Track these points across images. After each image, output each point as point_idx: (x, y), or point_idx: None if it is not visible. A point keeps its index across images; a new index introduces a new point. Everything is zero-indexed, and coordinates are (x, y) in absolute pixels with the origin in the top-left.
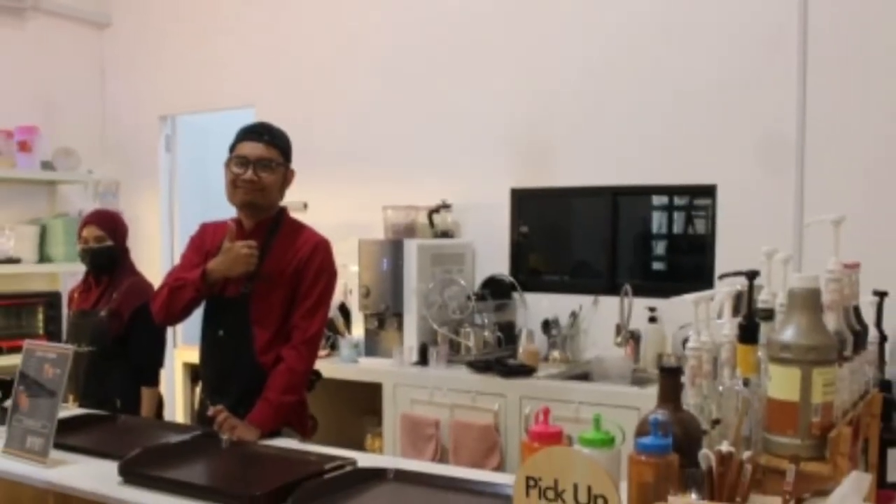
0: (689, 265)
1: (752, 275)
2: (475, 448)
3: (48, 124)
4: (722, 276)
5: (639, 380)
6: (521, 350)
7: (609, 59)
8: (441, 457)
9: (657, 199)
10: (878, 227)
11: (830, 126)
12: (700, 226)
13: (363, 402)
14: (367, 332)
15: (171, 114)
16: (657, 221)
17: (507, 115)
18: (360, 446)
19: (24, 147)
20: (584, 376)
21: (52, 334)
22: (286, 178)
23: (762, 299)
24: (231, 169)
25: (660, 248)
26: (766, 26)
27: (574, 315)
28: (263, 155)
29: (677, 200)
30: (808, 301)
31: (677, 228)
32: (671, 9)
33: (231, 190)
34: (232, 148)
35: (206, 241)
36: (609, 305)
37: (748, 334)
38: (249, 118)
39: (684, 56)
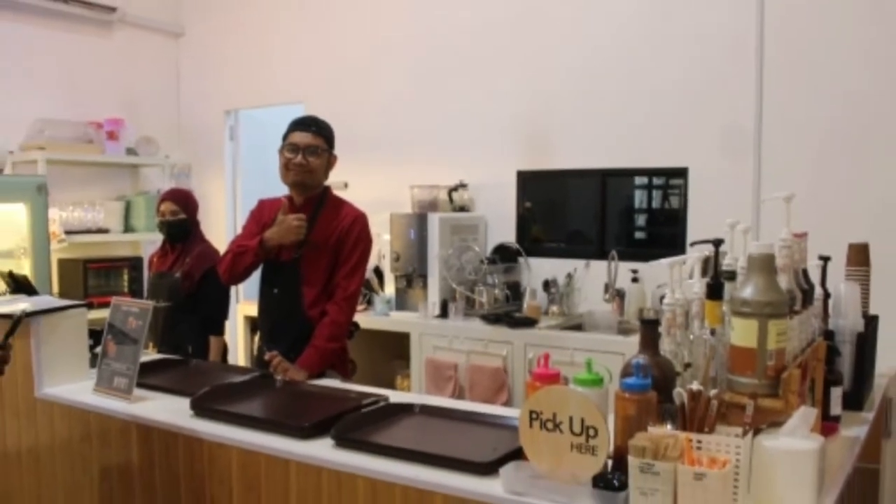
0: (666, 235)
1: (717, 242)
2: (487, 387)
3: (132, 117)
4: (693, 244)
5: (623, 330)
6: (525, 305)
7: (597, 62)
8: (459, 394)
9: (639, 180)
10: (824, 203)
11: (783, 118)
12: (675, 202)
13: (394, 349)
14: (397, 290)
15: (234, 108)
16: (639, 198)
17: (513, 110)
18: (391, 385)
19: (111, 136)
20: (578, 327)
21: (135, 292)
22: (330, 162)
23: (726, 263)
24: (284, 154)
25: (641, 220)
26: (729, 34)
27: (570, 276)
28: (311, 143)
29: (655, 181)
30: (764, 264)
31: (655, 204)
32: (649, 20)
33: (284, 172)
34: (285, 137)
35: (263, 214)
36: (599, 268)
37: (714, 292)
38: (299, 112)
39: (660, 60)
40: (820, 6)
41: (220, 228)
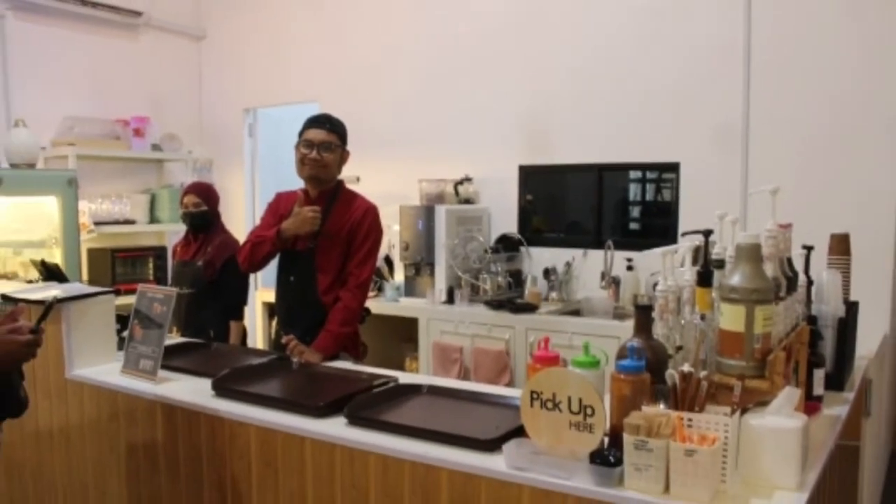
0: (658, 226)
1: (707, 233)
2: (490, 368)
3: (157, 115)
4: (684, 234)
5: (619, 315)
6: (526, 292)
7: (594, 64)
8: (464, 375)
9: (633, 174)
10: (807, 196)
11: (769, 116)
12: (667, 195)
13: (403, 333)
14: (406, 277)
15: (252, 107)
16: (633, 191)
17: (516, 108)
18: (401, 367)
19: (137, 133)
20: (576, 312)
21: (160, 280)
22: (343, 157)
23: (715, 252)
24: (300, 150)
25: (635, 212)
26: (718, 38)
27: (568, 264)
28: (325, 139)
29: (649, 175)
30: (751, 253)
31: (649, 197)
32: (643, 26)
33: (300, 166)
34: (300, 133)
35: (280, 206)
36: (595, 257)
37: (704, 279)
38: (314, 110)
39: (655, 62)
40: (804, 11)
41: (240, 219)
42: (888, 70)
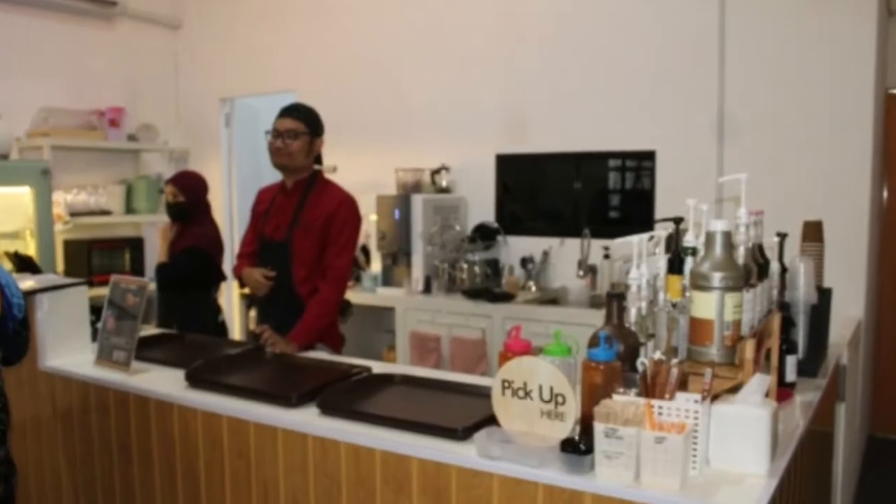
0: (636, 213)
1: (677, 220)
2: (468, 358)
3: (133, 105)
4: (656, 222)
5: (596, 303)
6: (504, 281)
7: (572, 54)
8: (441, 365)
9: (612, 162)
10: (782, 183)
11: (744, 104)
12: (645, 183)
13: (381, 323)
14: (384, 267)
15: (229, 96)
16: (612, 180)
17: (493, 97)
18: (378, 357)
19: (113, 123)
20: (554, 301)
21: (136, 271)
22: (313, 145)
23: (687, 239)
24: (269, 140)
25: (613, 200)
26: (693, 28)
27: (546, 253)
28: (290, 127)
29: (628, 163)
30: (722, 241)
31: (627, 185)
32: (619, 16)
33: (270, 156)
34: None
35: (258, 205)
36: (573, 246)
37: (675, 267)
38: (292, 100)
39: (631, 51)
40: (778, 2)
41: (217, 211)
42: (860, 58)
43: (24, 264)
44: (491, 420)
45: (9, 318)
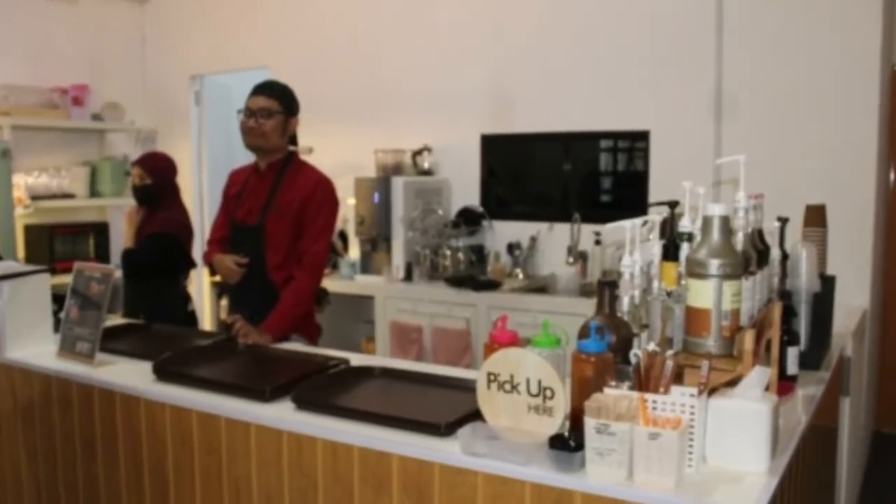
0: (629, 197)
1: (672, 204)
2: (451, 349)
3: (97, 83)
4: (650, 205)
5: (586, 292)
6: (489, 268)
7: (561, 28)
8: (423, 357)
9: (604, 143)
10: (783, 165)
11: (742, 83)
12: (639, 164)
13: (359, 312)
14: (362, 253)
15: (199, 73)
16: (602, 161)
17: (477, 74)
18: (356, 349)
19: (77, 102)
20: (542, 289)
21: (101, 258)
22: (287, 125)
23: (682, 224)
24: (241, 119)
25: (605, 183)
26: (690, 2)
27: (533, 239)
28: (263, 106)
29: (620, 144)
30: (720, 226)
31: (620, 167)
32: None
33: (242, 136)
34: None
35: (230, 187)
36: (562, 231)
37: (670, 253)
38: (266, 77)
39: (624, 25)
40: None
41: (187, 193)
42: (865, 32)
43: None
44: (475, 415)
45: None
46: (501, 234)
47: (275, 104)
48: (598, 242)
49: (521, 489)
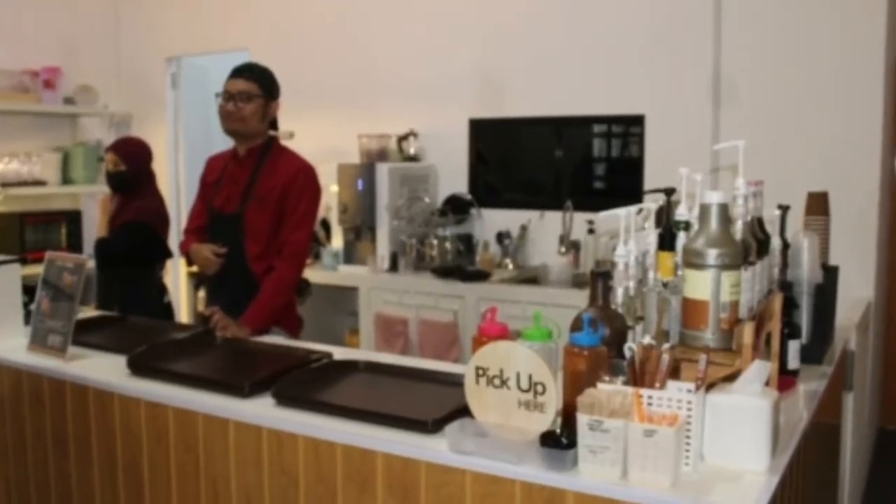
0: (624, 184)
1: (669, 191)
2: (438, 343)
3: (69, 65)
4: (645, 193)
5: (579, 283)
6: (477, 258)
7: (553, 8)
8: (409, 350)
9: (597, 128)
10: (784, 151)
11: (741, 66)
12: (633, 150)
13: (342, 304)
14: (346, 243)
15: (176, 55)
16: (597, 147)
17: (466, 56)
18: (339, 342)
19: (48, 85)
20: (533, 280)
21: (74, 247)
22: (268, 109)
23: (679, 213)
24: (220, 103)
25: (598, 169)
26: None
27: (524, 228)
28: (243, 89)
29: (614, 129)
30: (718, 214)
31: (614, 153)
32: None
33: (220, 121)
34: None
35: (207, 174)
36: (554, 219)
37: (666, 242)
38: (245, 59)
39: (619, 5)
40: None
41: (163, 180)
42: (870, 16)
43: None
44: (464, 411)
45: None
46: (490, 222)
47: (254, 87)
48: (591, 231)
49: (510, 488)
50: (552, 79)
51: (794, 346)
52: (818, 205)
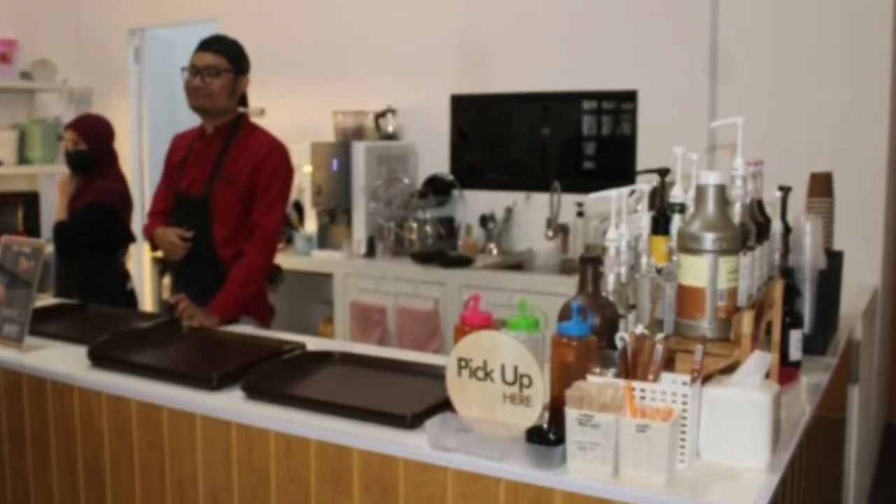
0: (616, 164)
1: (663, 172)
2: (418, 333)
3: (26, 38)
4: (638, 173)
5: (567, 269)
6: (460, 243)
7: None
8: (386, 340)
9: (587, 104)
10: (785, 129)
11: (740, 38)
12: (626, 128)
13: (316, 291)
14: (320, 226)
15: (139, 27)
16: (587, 124)
17: (447, 27)
18: (313, 332)
19: (3, 59)
20: (518, 266)
21: (31, 231)
22: (237, 84)
23: (674, 194)
24: (186, 78)
25: (588, 148)
26: None
27: (509, 210)
28: (211, 63)
29: (605, 105)
30: (715, 196)
31: (606, 131)
32: None
33: (187, 97)
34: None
35: (173, 154)
36: (541, 201)
37: (660, 226)
38: (213, 32)
39: None
40: None
41: (125, 159)
42: None
43: None
44: (445, 405)
45: None
46: (473, 204)
47: (223, 61)
48: (580, 214)
49: (495, 487)
50: (539, 52)
51: (795, 336)
52: (822, 186)
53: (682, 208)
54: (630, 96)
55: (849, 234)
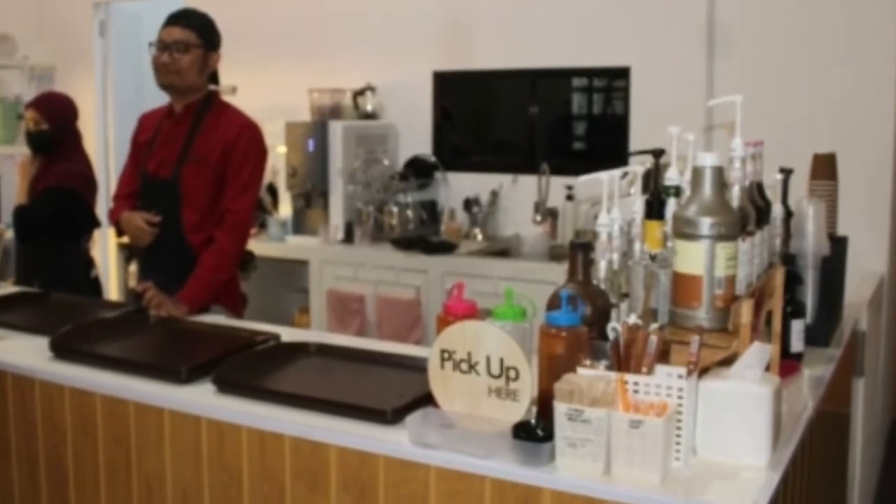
0: (608, 145)
1: (657, 153)
2: (399, 322)
3: None
4: (631, 154)
5: (556, 255)
6: (443, 228)
7: None
8: (366, 331)
9: (577, 82)
10: (786, 108)
11: (739, 11)
12: (618, 107)
13: (291, 279)
14: (295, 210)
15: (104, 0)
16: (577, 103)
17: (430, 1)
18: (288, 322)
19: None
20: (504, 253)
21: None
22: (207, 60)
23: (669, 177)
24: (153, 54)
25: (578, 128)
26: None
27: (494, 194)
28: (179, 38)
29: (596, 82)
30: (712, 178)
31: (597, 110)
32: None
33: (154, 74)
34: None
35: (140, 134)
36: (528, 184)
37: (654, 210)
38: (181, 5)
39: None
40: None
41: (90, 140)
42: None
43: None
44: (427, 400)
45: None
46: (457, 187)
47: (192, 36)
48: (570, 198)
49: (479, 485)
50: (527, 25)
51: (797, 327)
52: (825, 168)
53: (677, 191)
54: (622, 73)
55: (853, 218)
